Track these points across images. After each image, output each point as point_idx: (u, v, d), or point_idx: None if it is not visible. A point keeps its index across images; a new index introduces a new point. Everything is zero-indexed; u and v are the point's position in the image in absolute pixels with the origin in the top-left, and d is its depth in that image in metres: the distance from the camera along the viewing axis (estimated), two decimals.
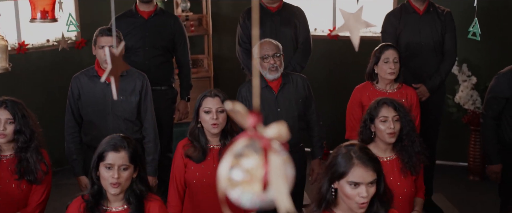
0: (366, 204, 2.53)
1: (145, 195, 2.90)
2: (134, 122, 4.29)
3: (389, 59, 4.34)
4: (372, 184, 2.53)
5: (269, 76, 4.23)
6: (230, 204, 1.17)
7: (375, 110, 3.51)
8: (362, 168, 2.51)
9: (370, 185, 2.53)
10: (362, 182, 2.51)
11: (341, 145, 2.65)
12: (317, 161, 4.45)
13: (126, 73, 4.24)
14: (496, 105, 4.37)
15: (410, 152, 3.50)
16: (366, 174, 2.51)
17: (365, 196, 2.50)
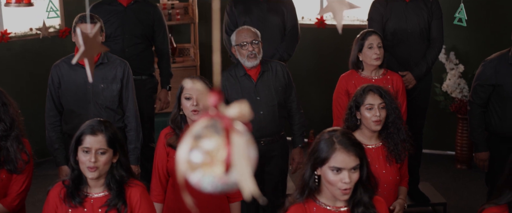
0: (349, 191, 2.49)
1: (126, 181, 2.85)
2: (116, 110, 4.22)
3: (373, 44, 4.30)
4: (355, 170, 2.49)
5: (247, 63, 4.17)
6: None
7: (361, 97, 3.46)
8: (344, 153, 2.47)
9: (353, 171, 2.48)
10: (344, 167, 2.46)
11: (324, 131, 2.61)
12: (297, 150, 4.41)
13: (107, 60, 4.17)
14: (483, 93, 4.33)
15: (395, 139, 3.46)
16: (348, 159, 2.47)
17: (347, 182, 2.46)
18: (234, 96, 4.20)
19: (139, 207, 2.84)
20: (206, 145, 1.08)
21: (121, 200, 2.81)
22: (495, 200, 2.85)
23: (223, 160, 1.08)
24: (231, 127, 1.08)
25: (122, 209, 2.81)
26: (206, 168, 1.09)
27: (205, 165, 1.08)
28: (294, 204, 2.60)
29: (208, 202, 3.56)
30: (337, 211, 2.59)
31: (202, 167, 1.09)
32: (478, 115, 4.36)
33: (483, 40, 6.02)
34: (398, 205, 3.46)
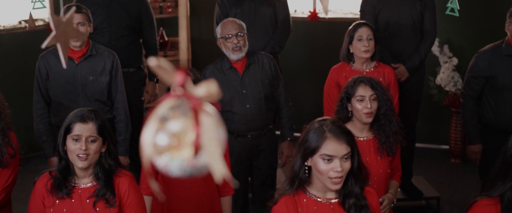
0: (341, 180, 2.44)
1: (115, 171, 2.79)
2: (105, 102, 4.17)
3: (363, 36, 4.25)
4: (346, 159, 2.45)
5: (232, 56, 4.10)
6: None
7: (352, 89, 3.40)
8: (335, 141, 2.43)
9: (344, 160, 2.44)
10: (336, 155, 2.42)
11: (313, 120, 2.55)
12: (286, 143, 4.34)
13: (96, 52, 4.11)
14: (476, 85, 4.28)
15: (387, 132, 3.40)
16: (339, 147, 2.42)
17: (339, 170, 2.41)
18: (220, 89, 4.12)
19: (128, 197, 2.79)
20: (172, 127, 1.02)
21: (110, 190, 2.76)
22: (487, 192, 2.80)
23: (191, 143, 1.01)
24: (199, 107, 1.02)
25: (111, 199, 2.76)
26: (173, 152, 1.03)
27: (172, 148, 1.02)
28: (283, 196, 2.54)
29: (198, 196, 3.50)
30: (327, 202, 2.54)
31: (169, 150, 1.02)
32: (471, 107, 4.31)
33: (477, 33, 5.97)
34: (386, 199, 3.40)
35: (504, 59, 4.19)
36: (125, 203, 2.79)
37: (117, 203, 2.76)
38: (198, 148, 1.01)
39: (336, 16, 6.50)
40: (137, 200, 2.82)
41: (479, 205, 2.78)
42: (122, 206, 2.79)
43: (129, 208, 2.79)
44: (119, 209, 2.78)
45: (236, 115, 4.13)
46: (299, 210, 2.52)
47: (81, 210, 2.75)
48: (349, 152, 2.45)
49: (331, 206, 2.54)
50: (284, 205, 2.52)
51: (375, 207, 2.58)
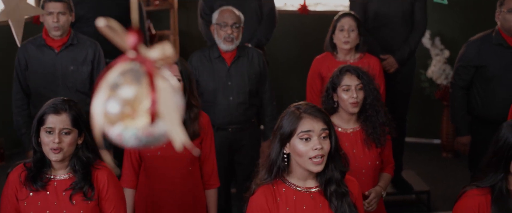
0: (322, 160, 2.36)
1: (93, 163, 2.67)
2: (87, 93, 4.06)
3: (344, 27, 4.16)
4: (324, 138, 2.38)
5: (222, 46, 4.01)
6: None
7: (338, 78, 3.31)
8: (311, 118, 2.39)
9: (323, 139, 2.37)
10: (313, 130, 2.36)
11: (289, 106, 2.48)
12: (268, 143, 4.21)
13: (77, 41, 4.01)
14: (466, 74, 4.20)
15: (374, 122, 3.31)
16: (316, 124, 2.38)
17: (318, 147, 2.34)
18: (205, 78, 4.05)
19: (106, 190, 2.67)
20: (125, 94, 0.92)
21: (88, 183, 2.64)
22: (478, 182, 2.72)
23: (146, 110, 0.92)
24: (154, 72, 0.92)
25: (89, 192, 2.63)
26: (127, 120, 0.93)
27: (126, 116, 0.93)
28: (261, 186, 2.45)
29: (182, 189, 3.40)
30: (307, 191, 2.45)
31: (122, 119, 0.93)
32: (460, 98, 4.23)
33: (469, 24, 5.89)
34: (374, 191, 3.29)
35: (494, 48, 4.11)
36: (103, 196, 2.67)
37: (95, 196, 2.64)
38: (155, 116, 0.92)
39: (326, 9, 6.42)
40: (116, 194, 2.70)
41: (469, 195, 2.70)
42: (101, 200, 2.67)
43: (108, 201, 2.68)
44: (97, 202, 2.66)
45: (218, 107, 4.04)
46: (278, 199, 2.43)
47: (57, 203, 2.63)
48: (326, 129, 2.37)
49: (311, 195, 2.45)
50: (262, 195, 2.43)
51: (356, 196, 2.49)
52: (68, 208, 2.61)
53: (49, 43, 3.96)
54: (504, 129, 2.65)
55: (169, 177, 3.37)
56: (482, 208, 2.65)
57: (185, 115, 3.35)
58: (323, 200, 2.44)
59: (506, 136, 2.62)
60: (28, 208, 2.63)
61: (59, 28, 3.88)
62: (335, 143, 2.42)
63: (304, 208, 2.43)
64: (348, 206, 2.43)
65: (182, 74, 3.33)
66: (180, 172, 3.37)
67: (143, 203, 3.44)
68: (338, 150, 2.44)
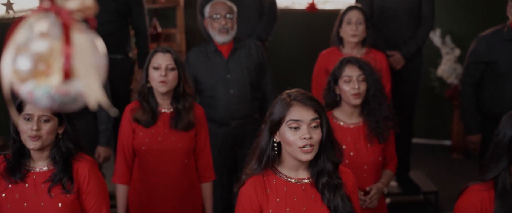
0: (312, 149, 2.25)
1: (74, 154, 2.57)
2: None
3: (352, 20, 4.05)
4: (315, 127, 2.26)
5: (218, 38, 3.92)
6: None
7: (339, 70, 3.19)
8: (301, 106, 2.27)
9: (312, 128, 2.25)
10: (302, 119, 2.25)
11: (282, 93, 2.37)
12: None
13: None
14: (475, 71, 4.06)
15: (377, 116, 3.18)
16: (306, 112, 2.26)
17: (307, 137, 2.23)
18: (203, 74, 3.96)
19: (87, 183, 2.55)
20: (37, 48, 0.82)
21: (67, 175, 2.52)
22: (481, 176, 2.59)
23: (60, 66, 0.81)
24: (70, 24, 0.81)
25: (68, 185, 2.52)
26: (39, 78, 0.82)
27: (38, 73, 0.82)
28: (251, 177, 2.34)
29: (177, 183, 3.31)
30: (299, 182, 2.34)
31: (34, 76, 0.82)
32: (470, 95, 4.09)
33: (480, 23, 5.72)
34: (375, 188, 3.16)
35: (505, 44, 3.96)
36: (84, 190, 2.55)
37: (74, 189, 2.53)
38: (70, 73, 0.81)
39: (334, 7, 6.30)
40: (98, 188, 2.58)
41: (471, 190, 2.57)
42: (82, 194, 2.56)
43: (89, 196, 2.56)
44: (77, 195, 2.55)
45: (219, 101, 3.94)
46: (268, 191, 2.32)
47: (35, 196, 2.52)
48: (317, 119, 2.26)
49: (303, 186, 2.34)
50: (251, 186, 2.32)
51: (350, 189, 2.37)
52: (46, 201, 2.51)
53: None
54: (504, 120, 2.54)
55: (165, 171, 3.29)
56: (485, 204, 2.52)
57: (179, 105, 3.27)
58: (315, 192, 2.33)
59: (506, 128, 2.50)
60: (6, 200, 2.53)
61: None
62: (327, 133, 2.30)
63: (295, 199, 2.32)
64: (341, 198, 2.31)
65: (177, 62, 3.26)
66: (176, 166, 3.29)
67: (137, 199, 3.35)
68: (331, 140, 2.33)
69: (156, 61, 3.25)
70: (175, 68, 3.24)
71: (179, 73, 3.25)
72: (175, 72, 3.24)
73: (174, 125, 3.25)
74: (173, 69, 3.24)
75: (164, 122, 3.28)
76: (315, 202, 2.32)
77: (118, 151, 3.35)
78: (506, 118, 2.55)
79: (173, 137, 3.26)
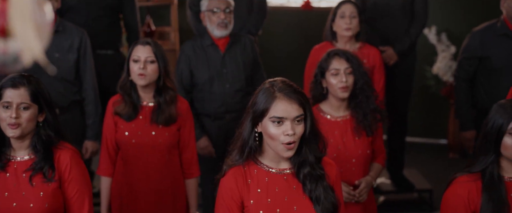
0: (294, 145, 2.20)
1: (55, 143, 2.52)
2: (73, 82, 3.93)
3: (345, 13, 4.01)
4: (299, 122, 2.20)
5: (216, 32, 3.88)
6: None
7: (326, 62, 3.15)
8: (286, 101, 2.19)
9: (296, 122, 2.20)
10: (286, 116, 2.18)
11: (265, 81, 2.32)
12: None
13: (63, 28, 3.89)
14: (469, 66, 4.02)
15: (364, 109, 3.14)
16: (290, 108, 2.19)
17: (290, 133, 2.17)
18: (199, 67, 3.93)
19: (69, 172, 2.50)
20: None
21: (48, 163, 2.48)
22: (468, 168, 2.54)
23: None
24: None
25: (49, 174, 2.47)
26: None
27: None
28: (232, 167, 2.29)
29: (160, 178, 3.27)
30: (280, 173, 2.29)
31: None
32: (464, 91, 4.05)
33: (476, 21, 5.65)
34: (364, 181, 3.12)
35: (499, 39, 3.92)
36: (66, 178, 2.50)
37: (56, 178, 2.48)
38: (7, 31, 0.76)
39: (330, 5, 6.25)
40: (79, 176, 2.53)
41: (458, 182, 2.53)
42: (63, 182, 2.51)
43: (70, 184, 2.51)
44: (59, 184, 2.50)
45: (214, 95, 3.91)
46: (249, 181, 2.27)
47: (16, 185, 2.48)
48: (302, 115, 2.20)
49: (285, 176, 2.29)
50: (232, 177, 2.27)
51: (333, 180, 2.32)
52: (28, 190, 2.46)
53: None
54: (493, 110, 2.49)
55: (145, 165, 3.26)
56: (472, 196, 2.48)
57: (160, 99, 3.22)
58: (297, 182, 2.28)
59: (495, 118, 2.46)
60: None
61: None
62: (311, 126, 2.24)
63: (276, 190, 2.27)
64: (323, 189, 2.26)
65: (156, 55, 3.22)
66: (157, 160, 3.25)
67: (118, 192, 3.33)
68: (314, 133, 2.27)
69: (136, 54, 3.22)
70: (155, 61, 3.20)
71: (159, 66, 3.21)
72: (155, 65, 3.21)
73: (155, 119, 3.21)
74: (152, 61, 3.20)
75: (145, 116, 3.25)
76: (297, 193, 2.27)
77: (102, 144, 3.34)
78: (495, 108, 2.50)
79: (153, 132, 3.22)
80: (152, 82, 3.23)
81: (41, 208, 2.44)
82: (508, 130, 2.41)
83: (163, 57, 3.25)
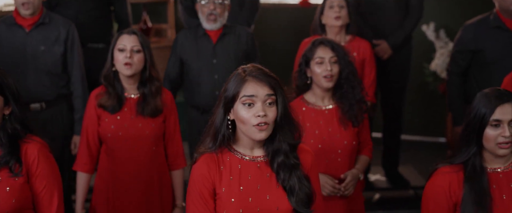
0: (266, 127, 2.14)
1: (22, 136, 2.43)
2: (60, 75, 3.89)
3: (334, 3, 3.97)
4: (270, 104, 2.15)
5: (205, 24, 3.86)
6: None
7: (311, 51, 3.09)
8: (256, 82, 2.16)
9: (268, 105, 2.15)
10: (256, 95, 2.14)
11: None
12: None
13: (49, 20, 3.85)
14: (462, 60, 3.96)
15: (350, 99, 3.08)
16: (260, 88, 2.15)
17: (261, 114, 2.12)
18: (190, 56, 3.90)
19: (36, 166, 2.41)
20: None
21: (14, 157, 2.38)
22: (451, 159, 2.48)
23: None
24: None
25: (16, 168, 2.38)
26: None
27: None
28: (204, 154, 2.23)
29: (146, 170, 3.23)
30: (254, 160, 2.23)
31: None
32: (457, 85, 3.99)
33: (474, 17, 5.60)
34: (350, 175, 3.05)
35: (492, 31, 3.87)
36: (33, 173, 2.42)
37: (23, 172, 2.39)
38: None
39: None
40: (48, 171, 2.44)
41: (440, 173, 2.47)
42: (31, 176, 2.42)
43: (38, 178, 2.42)
44: (26, 179, 2.41)
45: (203, 86, 3.87)
46: (221, 168, 2.22)
47: None
48: (273, 95, 2.15)
49: (258, 164, 2.23)
50: (204, 163, 2.22)
51: (309, 168, 2.26)
52: None
53: (19, 22, 3.80)
54: (476, 99, 2.41)
55: (132, 158, 3.20)
56: (454, 187, 2.41)
57: (146, 90, 3.17)
58: (271, 171, 2.22)
59: (478, 107, 2.38)
60: None
61: (29, 6, 3.73)
62: (283, 111, 2.18)
63: (249, 178, 2.21)
64: (297, 178, 2.20)
65: (142, 45, 3.18)
66: (143, 153, 3.20)
67: (104, 188, 3.26)
68: (288, 120, 2.21)
69: (121, 43, 3.17)
70: (141, 51, 3.16)
71: (145, 56, 3.17)
72: (141, 55, 3.16)
73: (141, 111, 3.16)
74: (138, 51, 3.16)
75: (130, 108, 3.19)
76: (270, 181, 2.21)
77: (82, 138, 3.25)
78: (478, 97, 2.43)
79: (139, 124, 3.17)
80: (137, 72, 3.18)
81: (8, 203, 2.35)
82: (490, 121, 2.34)
83: (148, 48, 3.21)
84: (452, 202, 2.41)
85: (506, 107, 2.32)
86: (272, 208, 2.19)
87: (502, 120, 2.32)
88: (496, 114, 2.32)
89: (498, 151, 2.34)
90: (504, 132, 2.31)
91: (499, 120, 2.32)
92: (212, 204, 2.20)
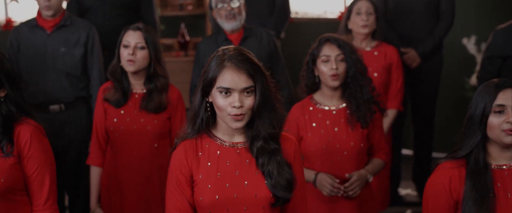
0: (242, 118, 2.07)
1: (17, 118, 2.45)
2: (79, 78, 3.91)
3: (361, 10, 3.86)
4: (248, 93, 2.08)
5: (226, 25, 3.80)
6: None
7: (317, 49, 2.99)
8: (234, 71, 2.08)
9: (245, 94, 2.08)
10: (233, 87, 2.06)
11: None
12: None
13: (70, 22, 3.88)
14: (492, 66, 3.77)
15: (358, 99, 2.95)
16: (238, 79, 2.07)
17: (237, 105, 2.05)
18: None
19: (29, 148, 2.42)
20: None
21: (6, 137, 2.41)
22: (453, 153, 2.34)
23: None
24: None
25: (8, 148, 2.40)
26: None
27: None
28: (183, 140, 2.17)
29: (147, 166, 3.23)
30: (233, 147, 2.16)
31: None
32: None
33: None
34: (356, 175, 2.90)
35: None
36: (25, 154, 2.43)
37: (14, 153, 2.41)
38: None
39: None
40: (40, 153, 2.44)
41: (442, 168, 2.33)
42: (23, 158, 2.43)
43: (30, 160, 2.43)
44: (18, 160, 2.42)
45: None
46: (200, 154, 2.15)
47: None
48: (251, 86, 2.07)
49: (238, 150, 2.16)
50: (182, 149, 2.17)
51: (292, 156, 2.17)
52: None
53: (41, 24, 3.86)
54: (477, 92, 2.31)
55: (133, 153, 3.21)
56: (454, 183, 2.27)
57: (151, 86, 3.16)
58: (251, 157, 2.15)
59: (478, 98, 2.26)
60: None
61: (50, 8, 3.77)
62: (262, 100, 2.10)
63: (227, 164, 2.14)
64: (277, 164, 2.11)
65: (147, 41, 3.17)
66: (144, 149, 3.20)
67: (107, 181, 3.29)
68: (268, 108, 2.13)
69: (126, 39, 3.19)
70: (145, 47, 3.17)
71: (150, 53, 3.17)
72: (145, 51, 3.17)
73: (144, 106, 3.16)
74: (142, 48, 3.17)
75: (135, 103, 3.21)
76: (250, 167, 2.14)
77: (93, 132, 3.32)
78: (480, 89, 2.32)
79: (142, 119, 3.17)
80: (141, 68, 3.18)
81: None
82: (493, 108, 2.22)
83: (154, 44, 3.20)
84: (453, 199, 2.27)
85: (508, 92, 2.23)
86: (250, 195, 2.11)
87: (505, 104, 2.22)
88: (498, 99, 2.22)
89: (504, 139, 2.21)
90: (509, 117, 2.20)
91: (502, 104, 2.22)
92: (189, 191, 2.14)
